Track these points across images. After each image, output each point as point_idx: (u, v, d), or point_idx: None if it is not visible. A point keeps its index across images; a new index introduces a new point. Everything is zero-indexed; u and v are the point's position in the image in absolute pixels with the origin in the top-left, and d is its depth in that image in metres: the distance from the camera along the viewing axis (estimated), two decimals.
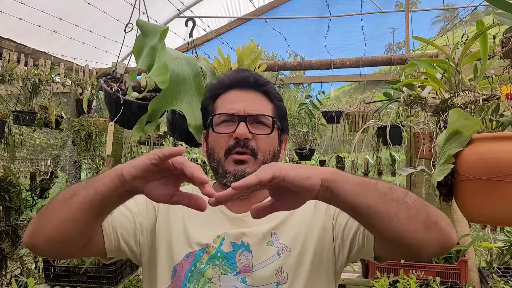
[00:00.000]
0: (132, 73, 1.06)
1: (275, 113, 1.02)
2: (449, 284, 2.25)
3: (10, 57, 2.72)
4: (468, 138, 0.97)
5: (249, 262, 0.93)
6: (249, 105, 0.98)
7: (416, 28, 4.17)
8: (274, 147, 1.01)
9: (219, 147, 0.97)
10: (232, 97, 1.00)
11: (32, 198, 3.19)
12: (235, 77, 1.02)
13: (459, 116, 0.98)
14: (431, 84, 1.34)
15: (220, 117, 0.98)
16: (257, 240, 0.95)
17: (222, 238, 0.96)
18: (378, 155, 3.18)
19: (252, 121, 0.97)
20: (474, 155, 0.94)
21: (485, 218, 0.97)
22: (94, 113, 3.49)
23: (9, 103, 2.90)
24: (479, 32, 1.06)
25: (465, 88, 1.18)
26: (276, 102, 1.04)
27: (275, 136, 1.01)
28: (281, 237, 0.96)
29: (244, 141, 0.95)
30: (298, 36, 4.87)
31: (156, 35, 0.95)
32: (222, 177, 0.97)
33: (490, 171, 0.89)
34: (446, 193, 1.03)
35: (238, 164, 0.95)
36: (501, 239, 2.70)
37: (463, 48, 1.16)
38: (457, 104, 1.16)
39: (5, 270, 2.91)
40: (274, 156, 1.01)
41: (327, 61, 3.41)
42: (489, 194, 0.90)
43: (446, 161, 0.98)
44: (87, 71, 3.23)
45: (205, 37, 4.74)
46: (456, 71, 1.19)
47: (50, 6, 3.12)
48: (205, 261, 0.93)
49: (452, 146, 0.99)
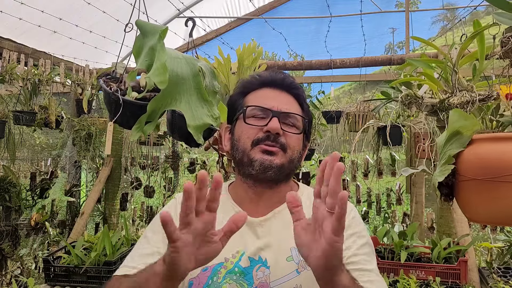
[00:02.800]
0: (131, 73, 1.06)
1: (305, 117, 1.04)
2: (449, 284, 2.25)
3: (10, 57, 2.73)
4: (469, 138, 0.97)
5: (266, 278, 0.90)
6: (282, 104, 0.98)
7: (416, 28, 4.17)
8: (300, 148, 1.01)
9: (247, 137, 0.96)
10: (265, 94, 1.01)
11: (32, 198, 3.19)
12: (271, 76, 1.03)
13: (459, 116, 0.98)
14: (428, 84, 1.35)
15: (253, 110, 0.98)
16: (276, 255, 0.92)
17: (242, 253, 0.93)
18: (378, 155, 3.18)
19: (284, 119, 0.97)
20: (475, 156, 0.94)
21: (486, 218, 0.97)
22: (94, 113, 3.50)
23: (9, 103, 2.90)
24: (476, 32, 1.06)
25: (462, 88, 1.18)
26: (305, 107, 1.04)
27: (302, 138, 1.02)
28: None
29: (275, 136, 0.94)
30: (298, 36, 4.87)
31: (155, 35, 0.95)
32: (247, 165, 0.95)
33: (490, 171, 0.89)
34: (447, 193, 1.03)
35: (266, 154, 0.94)
36: (501, 239, 2.70)
37: (460, 48, 1.16)
38: (453, 104, 1.16)
39: (5, 270, 2.91)
40: (299, 157, 1.01)
41: (327, 61, 3.41)
42: (489, 195, 0.90)
43: (446, 162, 0.99)
44: (87, 71, 3.23)
45: (205, 37, 4.74)
46: (453, 71, 1.19)
47: (50, 6, 3.12)
48: (222, 276, 0.91)
49: (453, 146, 0.99)
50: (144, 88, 1.18)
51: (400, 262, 2.31)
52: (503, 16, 0.94)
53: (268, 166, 0.93)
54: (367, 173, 3.39)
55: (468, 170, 0.94)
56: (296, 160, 0.98)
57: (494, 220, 0.97)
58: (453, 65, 1.19)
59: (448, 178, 0.98)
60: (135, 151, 3.61)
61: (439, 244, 2.40)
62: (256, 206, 1.00)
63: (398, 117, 2.78)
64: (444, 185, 1.01)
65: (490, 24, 1.01)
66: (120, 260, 2.47)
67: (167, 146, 3.52)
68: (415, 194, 3.07)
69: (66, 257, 2.47)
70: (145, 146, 3.60)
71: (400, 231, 2.61)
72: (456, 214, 2.51)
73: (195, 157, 3.85)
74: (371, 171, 3.36)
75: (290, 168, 0.98)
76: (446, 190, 1.02)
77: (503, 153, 0.89)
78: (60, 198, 3.79)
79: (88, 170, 3.95)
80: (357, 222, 1.00)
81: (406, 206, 3.62)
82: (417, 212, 3.06)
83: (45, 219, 3.16)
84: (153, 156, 3.65)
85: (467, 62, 1.24)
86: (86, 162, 3.50)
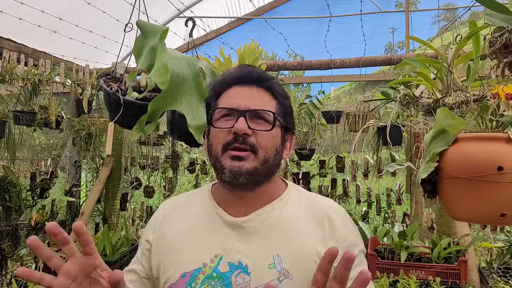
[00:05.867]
0: (132, 74, 1.07)
1: (279, 110, 0.97)
2: (449, 284, 2.25)
3: (10, 57, 2.73)
4: (454, 137, 0.98)
5: (246, 285, 0.87)
6: (250, 101, 0.93)
7: (416, 28, 4.17)
8: (276, 145, 0.95)
9: (217, 142, 0.93)
10: (234, 93, 0.96)
11: (32, 198, 3.19)
12: (238, 73, 0.98)
13: (445, 115, 0.99)
14: (425, 84, 1.35)
15: (220, 112, 0.95)
16: (257, 261, 0.89)
17: (220, 257, 0.91)
18: (378, 155, 3.18)
19: (252, 116, 0.92)
20: (458, 154, 0.95)
21: (467, 215, 0.99)
22: (94, 113, 3.50)
23: (9, 103, 2.90)
24: (471, 33, 1.07)
25: (457, 88, 1.18)
26: (280, 99, 0.98)
27: (277, 133, 0.96)
28: (285, 261, 0.89)
29: (243, 137, 0.90)
30: (298, 36, 4.87)
31: (156, 36, 0.95)
32: (220, 172, 0.92)
33: (472, 170, 0.90)
34: (430, 190, 1.05)
35: (235, 160, 0.90)
36: (501, 239, 2.70)
37: (455, 48, 1.17)
38: (447, 104, 1.17)
39: (5, 270, 2.91)
40: (277, 155, 0.95)
41: (327, 61, 3.41)
42: (472, 193, 0.92)
43: (431, 159, 1.00)
44: (87, 71, 3.23)
45: (205, 37, 4.74)
46: (448, 71, 1.19)
47: (50, 6, 3.12)
48: (201, 281, 0.89)
49: (438, 144, 1.00)
50: (144, 88, 1.18)
51: (400, 262, 2.32)
52: (494, 16, 0.95)
53: (237, 172, 0.89)
54: (367, 173, 3.39)
55: (451, 168, 0.95)
56: (272, 159, 0.93)
57: (476, 218, 0.99)
58: (448, 65, 1.19)
59: (431, 176, 1.00)
60: (135, 151, 3.61)
61: (439, 244, 2.41)
62: (238, 207, 0.97)
63: (398, 117, 2.78)
64: (427, 182, 1.02)
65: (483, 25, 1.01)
66: (120, 260, 2.47)
67: (167, 146, 3.53)
68: (415, 194, 3.08)
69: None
70: (145, 146, 3.61)
71: (400, 231, 2.61)
72: None
73: (195, 157, 3.85)
74: (371, 171, 3.36)
75: (266, 169, 0.93)
76: (429, 187, 1.04)
77: (487, 152, 0.91)
78: (60, 198, 3.80)
79: (88, 170, 3.95)
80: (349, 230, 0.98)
81: (406, 206, 3.62)
82: (417, 212, 3.06)
83: (45, 219, 3.16)
84: (153, 156, 3.66)
85: (462, 62, 1.24)
86: (86, 162, 3.50)
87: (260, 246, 0.91)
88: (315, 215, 0.97)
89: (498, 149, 0.91)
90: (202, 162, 3.83)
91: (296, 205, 0.99)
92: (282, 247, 0.91)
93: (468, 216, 0.98)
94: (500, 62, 0.99)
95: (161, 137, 3.56)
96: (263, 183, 0.96)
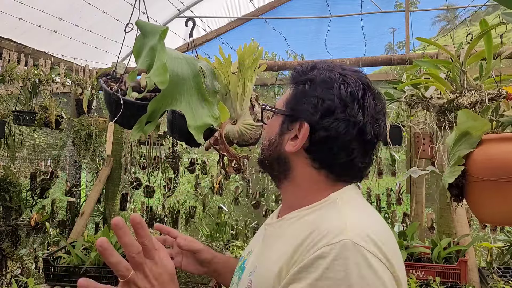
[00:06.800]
0: (132, 73, 1.06)
1: (288, 98, 0.89)
2: (449, 284, 2.25)
3: (10, 57, 2.73)
4: (478, 139, 0.97)
5: (240, 282, 0.93)
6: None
7: (416, 28, 4.17)
8: (268, 136, 0.91)
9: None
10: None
11: (32, 198, 3.19)
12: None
13: (467, 117, 0.97)
14: (435, 85, 1.34)
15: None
16: (249, 266, 0.92)
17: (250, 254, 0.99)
18: (378, 155, 3.18)
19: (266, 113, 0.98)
20: (484, 156, 0.94)
21: (497, 218, 0.97)
22: (94, 113, 3.50)
23: (9, 103, 2.90)
24: (483, 32, 1.06)
25: (470, 88, 1.17)
26: (293, 86, 0.89)
27: (273, 124, 0.91)
28: (255, 273, 0.86)
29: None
30: (298, 36, 4.87)
31: (155, 35, 0.95)
32: None
33: (500, 172, 0.89)
34: (457, 194, 1.02)
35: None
36: (501, 239, 2.70)
37: (467, 48, 1.16)
38: (462, 104, 1.16)
39: (5, 270, 2.91)
40: (270, 146, 0.90)
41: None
42: (500, 195, 0.90)
43: (456, 163, 0.98)
44: (87, 71, 3.23)
45: (205, 37, 4.74)
46: (461, 71, 1.19)
47: (50, 6, 3.12)
48: (236, 268, 1.02)
49: (462, 147, 0.99)
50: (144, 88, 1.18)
51: None
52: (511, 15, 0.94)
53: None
54: (367, 173, 3.38)
55: (478, 171, 0.94)
56: (265, 150, 0.92)
57: (504, 220, 0.97)
58: (460, 65, 1.18)
59: (458, 179, 0.98)
60: (135, 151, 3.61)
61: (439, 244, 2.40)
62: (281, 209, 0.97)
63: (398, 117, 2.78)
64: (454, 186, 1.00)
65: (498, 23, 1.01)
66: None
67: (167, 146, 3.52)
68: (415, 194, 3.07)
69: (66, 257, 2.47)
70: (145, 146, 3.60)
71: (400, 231, 2.61)
72: (456, 214, 2.51)
73: (195, 157, 3.85)
74: (371, 171, 3.36)
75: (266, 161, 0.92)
76: (456, 191, 1.01)
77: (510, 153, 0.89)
78: (60, 198, 3.79)
79: (88, 170, 3.95)
80: (324, 264, 0.68)
81: (406, 206, 3.62)
82: (417, 212, 3.06)
83: (45, 219, 3.16)
84: (153, 156, 3.65)
85: (474, 62, 1.24)
86: (86, 162, 3.50)
87: (259, 252, 0.92)
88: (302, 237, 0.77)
89: None
90: (202, 162, 3.82)
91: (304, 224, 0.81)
92: (262, 258, 0.88)
93: (496, 218, 0.96)
94: None
95: (161, 137, 3.55)
96: (277, 178, 0.92)
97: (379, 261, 0.68)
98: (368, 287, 0.65)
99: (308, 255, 0.71)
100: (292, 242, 0.77)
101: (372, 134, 0.82)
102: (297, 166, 0.86)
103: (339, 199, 0.82)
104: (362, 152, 0.84)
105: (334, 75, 0.85)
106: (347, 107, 0.81)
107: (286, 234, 0.83)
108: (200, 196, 3.70)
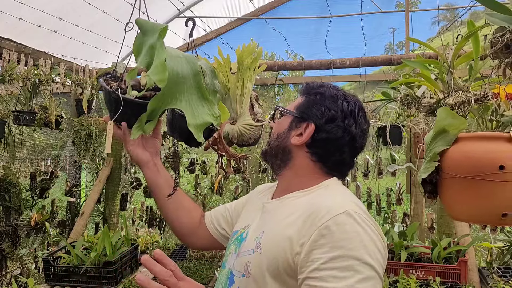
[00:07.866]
0: (131, 72, 1.06)
1: (300, 104, 1.13)
2: (449, 284, 2.25)
3: (10, 57, 2.73)
4: (454, 136, 0.98)
5: (241, 248, 1.07)
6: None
7: (416, 28, 4.16)
8: (278, 131, 1.13)
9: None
10: None
11: (32, 198, 3.19)
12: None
13: (446, 114, 0.99)
14: (426, 84, 1.35)
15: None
16: (252, 234, 1.07)
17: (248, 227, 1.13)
18: (378, 155, 3.18)
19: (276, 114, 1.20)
20: (459, 154, 0.96)
21: (468, 216, 0.99)
22: (94, 113, 3.50)
23: (9, 103, 2.90)
24: (470, 33, 1.07)
25: (457, 88, 1.18)
26: (305, 95, 1.14)
27: (283, 122, 1.13)
28: (264, 237, 1.01)
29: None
30: (298, 36, 4.86)
31: (155, 34, 0.95)
32: None
33: (473, 170, 0.90)
34: (431, 190, 1.05)
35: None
36: (501, 239, 2.70)
37: (455, 48, 1.17)
38: (448, 104, 1.17)
39: (5, 270, 2.91)
40: (278, 138, 1.12)
41: (327, 61, 3.41)
42: (473, 193, 0.92)
43: (431, 159, 1.00)
44: (87, 71, 3.23)
45: (205, 37, 4.74)
46: (449, 71, 1.19)
47: (50, 6, 3.12)
48: (232, 240, 1.16)
49: (438, 144, 1.00)
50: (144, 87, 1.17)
51: (400, 262, 2.31)
52: (495, 16, 0.94)
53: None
54: (367, 173, 3.39)
55: (452, 167, 0.95)
56: (273, 141, 1.13)
57: (476, 218, 1.00)
58: (448, 66, 1.19)
59: (432, 175, 1.00)
60: None
61: (439, 244, 2.40)
62: (276, 192, 1.16)
63: (398, 117, 2.79)
64: (428, 182, 1.03)
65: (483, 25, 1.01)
66: (120, 260, 2.47)
67: (167, 146, 3.52)
68: (415, 194, 3.07)
69: (66, 257, 2.47)
70: None
71: (400, 231, 2.61)
72: None
73: (195, 157, 3.85)
74: (371, 171, 3.36)
75: (271, 150, 1.13)
76: (430, 187, 1.04)
77: (488, 152, 0.91)
78: (60, 198, 3.79)
79: (88, 170, 3.95)
80: (332, 231, 0.88)
81: (406, 206, 3.62)
82: (417, 212, 3.06)
83: (45, 219, 3.16)
84: None
85: (464, 62, 1.24)
86: (86, 162, 3.49)
87: (261, 223, 1.08)
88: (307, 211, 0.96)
89: (499, 148, 0.91)
90: (202, 162, 3.82)
91: (304, 201, 1.02)
92: (268, 226, 1.03)
93: (469, 216, 0.97)
94: (501, 62, 0.99)
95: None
96: (278, 166, 1.13)
97: (369, 220, 0.93)
98: (371, 236, 0.89)
99: (316, 227, 0.89)
100: (297, 215, 0.97)
101: (359, 143, 1.09)
102: (298, 157, 1.09)
103: (329, 185, 1.06)
104: (350, 155, 1.09)
105: (339, 94, 1.10)
106: (346, 119, 1.06)
107: (288, 209, 1.02)
108: (200, 196, 3.70)
